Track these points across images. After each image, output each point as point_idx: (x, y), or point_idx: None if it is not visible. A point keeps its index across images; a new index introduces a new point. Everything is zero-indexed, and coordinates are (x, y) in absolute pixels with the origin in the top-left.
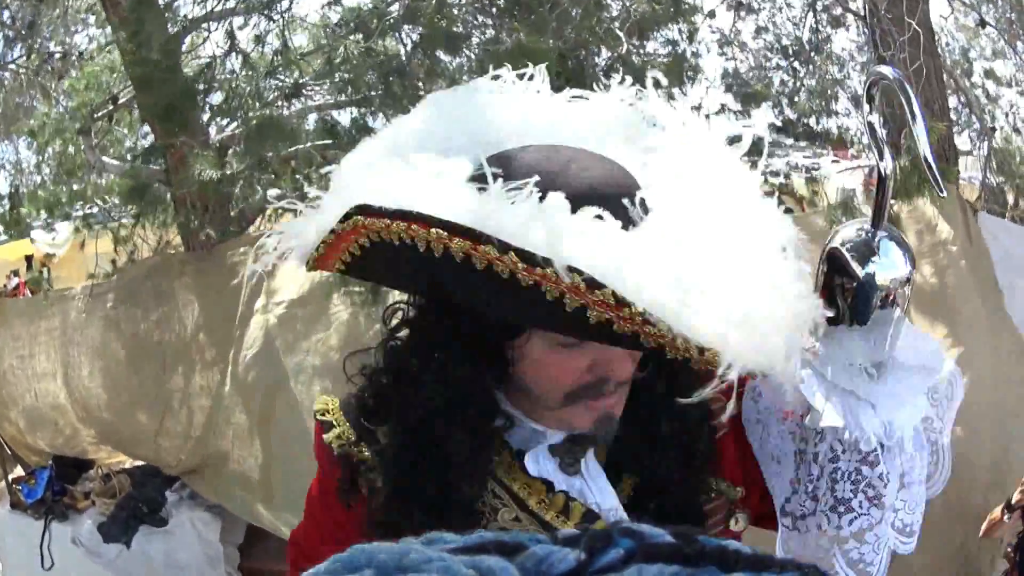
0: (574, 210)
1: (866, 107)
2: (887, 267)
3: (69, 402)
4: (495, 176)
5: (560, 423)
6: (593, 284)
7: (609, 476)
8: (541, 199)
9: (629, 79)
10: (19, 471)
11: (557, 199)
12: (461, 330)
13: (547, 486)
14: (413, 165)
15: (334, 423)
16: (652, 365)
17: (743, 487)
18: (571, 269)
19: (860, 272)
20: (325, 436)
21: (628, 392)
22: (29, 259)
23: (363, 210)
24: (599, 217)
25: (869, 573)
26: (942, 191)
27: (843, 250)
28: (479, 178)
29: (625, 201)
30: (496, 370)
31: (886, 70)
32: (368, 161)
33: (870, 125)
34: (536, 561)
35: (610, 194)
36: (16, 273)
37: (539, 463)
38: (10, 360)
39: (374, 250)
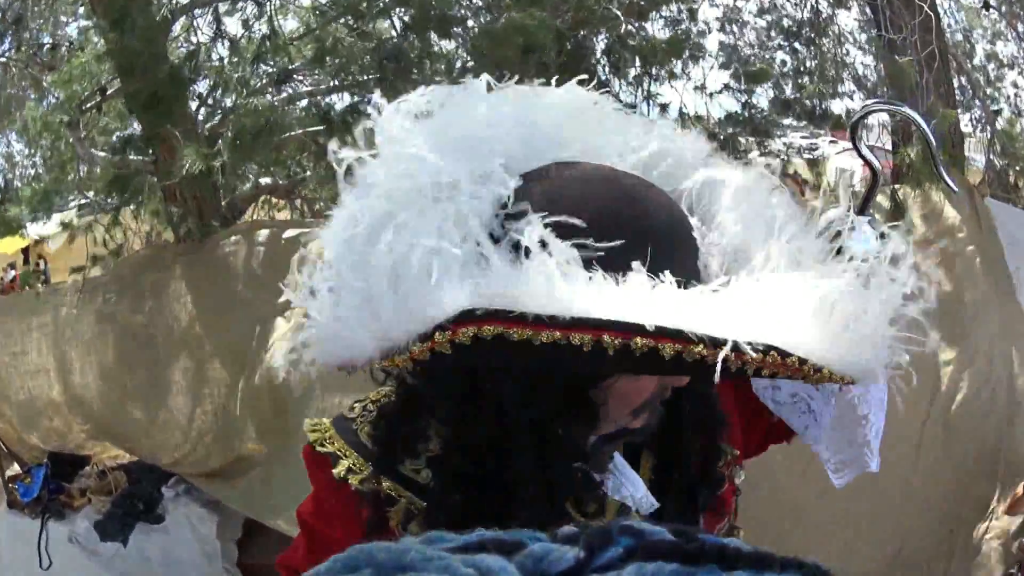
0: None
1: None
2: (861, 241)
3: (63, 398)
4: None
5: (610, 425)
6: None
7: (629, 463)
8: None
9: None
10: (15, 468)
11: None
12: (548, 388)
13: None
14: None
15: (340, 454)
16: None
17: (742, 440)
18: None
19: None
20: (335, 471)
21: None
22: (26, 251)
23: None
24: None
25: None
26: (955, 190)
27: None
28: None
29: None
30: (587, 415)
31: (911, 114)
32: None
33: (857, 149)
34: (535, 559)
35: (684, 236)
36: (12, 266)
37: None
38: (2, 357)
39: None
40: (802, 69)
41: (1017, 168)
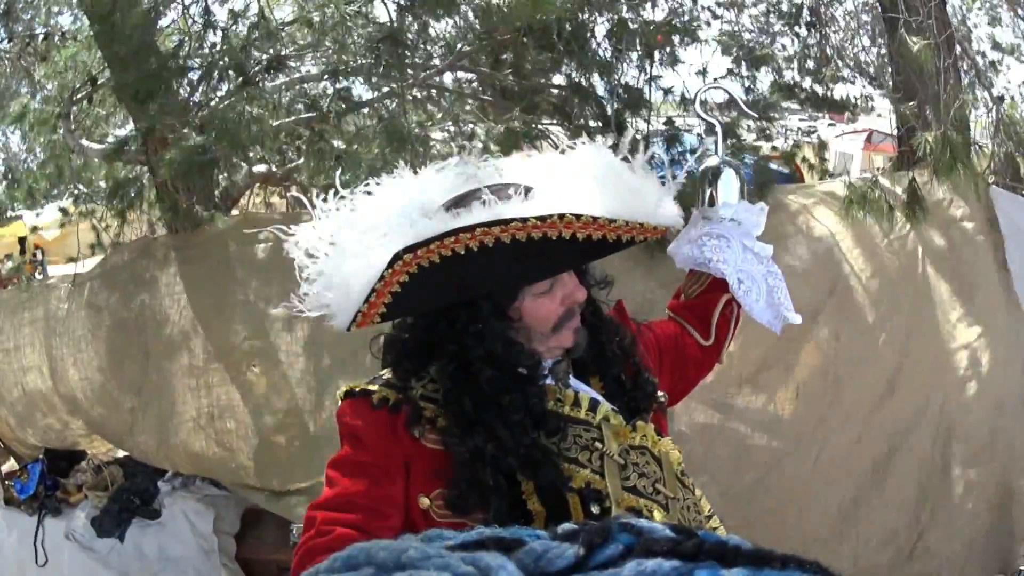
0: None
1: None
2: (726, 184)
3: (56, 394)
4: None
5: (553, 350)
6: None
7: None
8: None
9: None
10: (12, 464)
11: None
12: (482, 310)
13: (557, 390)
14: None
15: (376, 390)
16: (588, 307)
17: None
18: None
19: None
20: (375, 396)
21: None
22: (23, 241)
23: (406, 251)
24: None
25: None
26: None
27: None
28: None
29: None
30: (508, 324)
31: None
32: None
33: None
34: (535, 557)
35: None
36: (9, 257)
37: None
38: None
39: (412, 283)
40: (805, 53)
41: (1021, 152)
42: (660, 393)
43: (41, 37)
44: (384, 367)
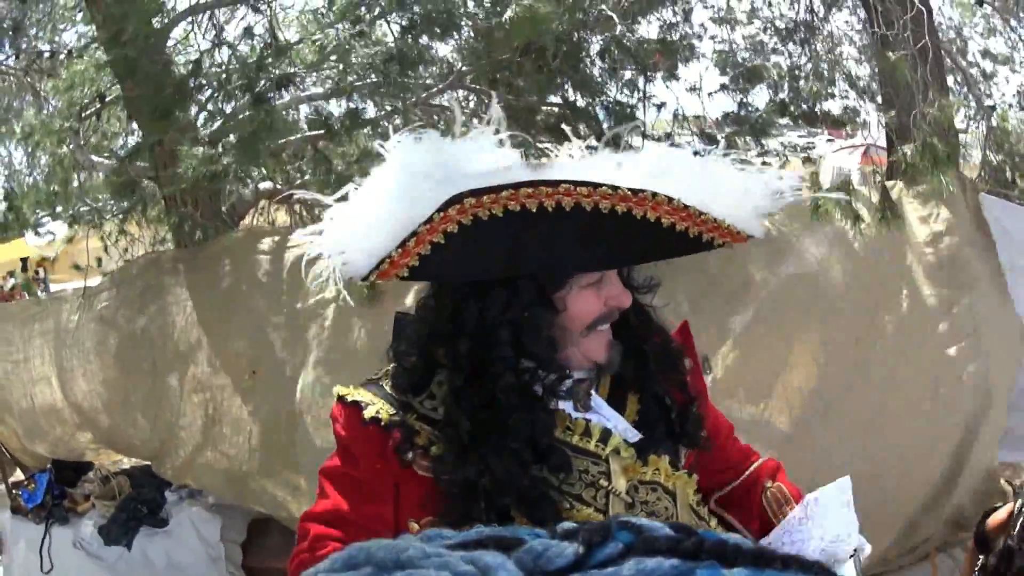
0: None
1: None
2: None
3: (65, 405)
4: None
5: (582, 360)
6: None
7: (615, 406)
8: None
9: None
10: (19, 475)
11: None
12: (523, 293)
13: (567, 417)
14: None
15: (369, 401)
16: (633, 312)
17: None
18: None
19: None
20: (365, 413)
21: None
22: (24, 261)
23: (471, 193)
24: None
25: None
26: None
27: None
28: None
29: None
30: (552, 310)
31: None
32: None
33: None
34: (534, 556)
35: None
36: (12, 274)
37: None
38: (4, 365)
39: (461, 237)
40: (796, 72)
41: (1014, 161)
42: (704, 433)
43: (47, 54)
44: (390, 357)
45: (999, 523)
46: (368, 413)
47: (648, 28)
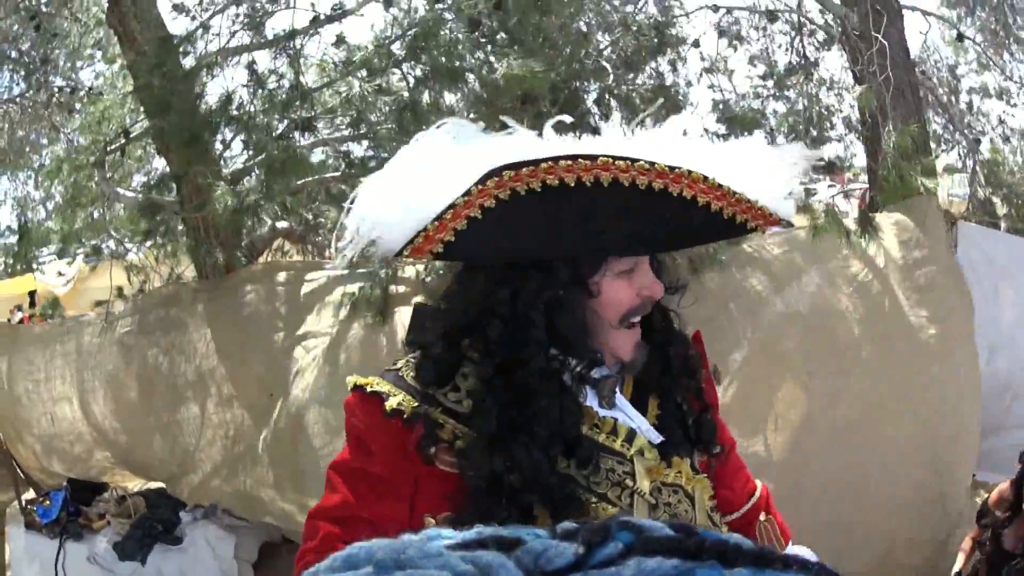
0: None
1: None
2: None
3: (85, 425)
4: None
5: (609, 356)
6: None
7: (637, 408)
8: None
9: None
10: (31, 494)
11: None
12: (559, 275)
13: (595, 415)
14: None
15: (390, 393)
16: (658, 316)
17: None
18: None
19: None
20: (387, 404)
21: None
22: (32, 294)
23: (509, 167)
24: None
25: None
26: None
27: None
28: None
29: None
30: (587, 297)
31: None
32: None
33: None
34: (534, 556)
35: None
36: (20, 308)
37: (588, 398)
38: (25, 384)
39: (497, 213)
40: (789, 120)
41: (1002, 193)
42: (718, 446)
43: (68, 90)
44: (410, 347)
45: (999, 497)
46: (390, 404)
47: (642, 78)
